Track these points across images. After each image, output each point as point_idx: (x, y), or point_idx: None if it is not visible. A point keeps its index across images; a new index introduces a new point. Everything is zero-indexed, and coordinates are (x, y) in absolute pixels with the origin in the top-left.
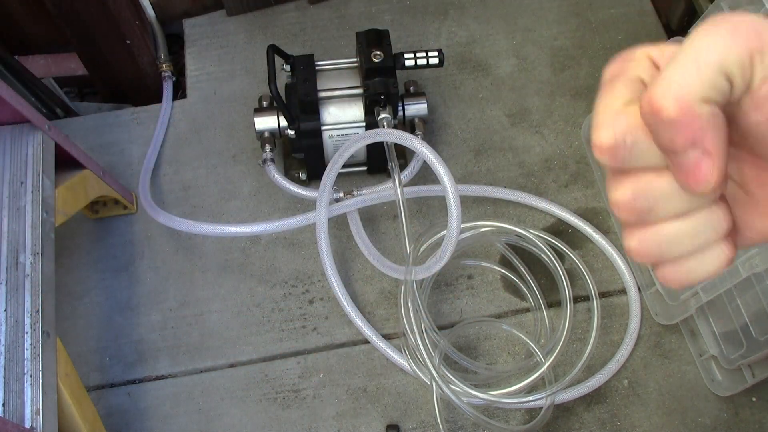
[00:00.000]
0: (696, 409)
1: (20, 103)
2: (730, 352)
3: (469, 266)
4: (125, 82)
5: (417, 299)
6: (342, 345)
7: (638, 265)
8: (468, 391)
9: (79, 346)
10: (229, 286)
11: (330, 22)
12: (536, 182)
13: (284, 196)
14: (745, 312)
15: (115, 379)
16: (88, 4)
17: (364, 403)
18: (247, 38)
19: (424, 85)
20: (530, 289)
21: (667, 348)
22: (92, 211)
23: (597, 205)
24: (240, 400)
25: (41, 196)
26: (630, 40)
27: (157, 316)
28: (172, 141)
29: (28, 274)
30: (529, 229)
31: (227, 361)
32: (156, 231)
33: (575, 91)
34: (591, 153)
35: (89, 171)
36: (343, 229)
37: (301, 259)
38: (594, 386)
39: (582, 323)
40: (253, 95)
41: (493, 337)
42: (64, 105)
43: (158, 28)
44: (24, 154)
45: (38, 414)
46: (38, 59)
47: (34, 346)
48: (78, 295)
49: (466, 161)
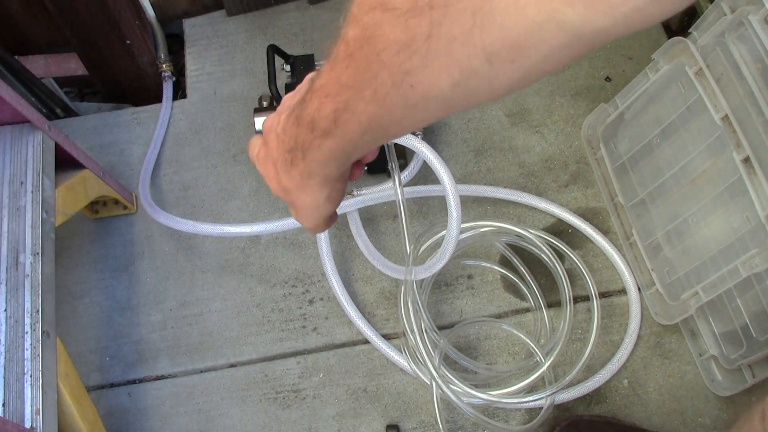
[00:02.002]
0: (696, 409)
1: (20, 103)
2: (730, 352)
3: (469, 266)
4: (125, 82)
5: (417, 299)
6: (342, 345)
7: (638, 265)
8: (468, 391)
9: (79, 346)
10: (229, 286)
11: (330, 22)
12: (536, 182)
13: None
14: (745, 312)
15: (115, 379)
16: (88, 4)
17: (364, 403)
18: (247, 38)
19: None
20: (530, 289)
21: (667, 348)
22: (92, 211)
23: (597, 205)
24: (240, 400)
25: (41, 196)
26: (630, 40)
27: (157, 316)
28: (172, 141)
29: (28, 274)
30: (529, 229)
31: (227, 361)
32: (156, 231)
33: (575, 91)
34: (591, 153)
35: (89, 171)
36: (343, 229)
37: (301, 259)
38: (594, 386)
39: (582, 323)
40: (253, 95)
41: (493, 337)
42: (64, 105)
43: (158, 28)
44: (24, 154)
45: (38, 414)
46: (38, 59)
47: (34, 346)
48: (78, 295)
49: (466, 161)
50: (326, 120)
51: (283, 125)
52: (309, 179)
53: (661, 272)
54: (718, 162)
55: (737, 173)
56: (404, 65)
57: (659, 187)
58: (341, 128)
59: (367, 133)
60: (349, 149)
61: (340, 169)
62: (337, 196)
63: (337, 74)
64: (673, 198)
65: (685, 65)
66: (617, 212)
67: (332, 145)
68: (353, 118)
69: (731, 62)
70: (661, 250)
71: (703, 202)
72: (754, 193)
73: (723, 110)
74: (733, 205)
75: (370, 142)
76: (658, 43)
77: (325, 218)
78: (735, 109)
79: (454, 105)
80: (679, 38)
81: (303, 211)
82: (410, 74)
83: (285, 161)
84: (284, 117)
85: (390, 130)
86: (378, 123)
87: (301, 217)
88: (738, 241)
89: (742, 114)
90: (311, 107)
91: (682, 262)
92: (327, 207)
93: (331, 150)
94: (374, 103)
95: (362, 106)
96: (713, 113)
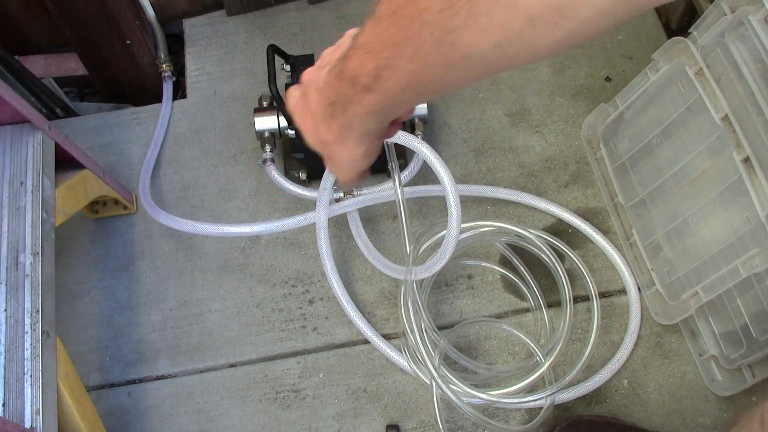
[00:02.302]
0: (696, 409)
1: (20, 103)
2: (730, 352)
3: (469, 266)
4: (125, 82)
5: (417, 299)
6: (342, 345)
7: (638, 265)
8: (468, 391)
9: (79, 346)
10: (229, 286)
11: (330, 22)
12: (536, 182)
13: (284, 196)
14: (745, 312)
15: (115, 379)
16: (88, 4)
17: (364, 403)
18: (247, 38)
19: None
20: (530, 289)
21: (667, 348)
22: (92, 211)
23: (597, 205)
24: (240, 400)
25: (41, 196)
26: (630, 40)
27: (157, 316)
28: (172, 141)
29: (28, 274)
30: (529, 229)
31: (227, 361)
32: (156, 231)
33: (575, 91)
34: (591, 153)
35: (89, 171)
36: (343, 229)
37: (301, 259)
38: (594, 386)
39: (582, 323)
40: (253, 95)
41: (493, 337)
42: (64, 105)
43: (158, 28)
44: (24, 154)
45: (38, 414)
46: (38, 59)
47: (34, 346)
48: (78, 295)
49: (466, 161)
50: (367, 76)
51: (325, 79)
52: (348, 133)
53: (661, 272)
54: (718, 162)
55: (737, 173)
56: (446, 24)
57: (659, 187)
58: (382, 85)
59: (407, 90)
60: (389, 106)
61: (379, 125)
62: (373, 152)
63: (379, 31)
64: (673, 198)
65: (685, 65)
66: (617, 212)
67: (372, 101)
68: (394, 75)
69: (731, 62)
70: (661, 250)
71: (703, 202)
72: (754, 193)
73: (723, 110)
74: (733, 205)
75: (410, 100)
76: (658, 43)
77: (360, 172)
78: (735, 109)
79: (495, 66)
80: (679, 38)
81: (339, 164)
82: (452, 33)
83: (325, 114)
84: (326, 71)
85: (430, 88)
86: (418, 81)
87: (337, 170)
88: (738, 241)
89: (742, 114)
90: (353, 63)
91: (682, 262)
92: (363, 162)
93: (371, 105)
94: (415, 60)
95: (403, 64)
96: (713, 113)
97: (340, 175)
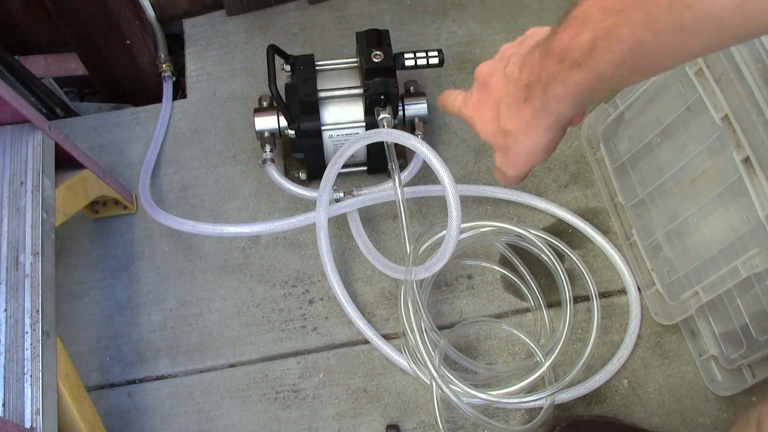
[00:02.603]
0: (696, 409)
1: (20, 103)
2: (730, 352)
3: (469, 266)
4: (125, 82)
5: (417, 299)
6: (342, 345)
7: (638, 265)
8: (468, 391)
9: (79, 346)
10: (229, 286)
11: (330, 22)
12: (536, 182)
13: (284, 196)
14: (745, 312)
15: (115, 379)
16: (88, 4)
17: (364, 403)
18: (247, 38)
19: (424, 85)
20: (530, 289)
21: (667, 348)
22: (92, 211)
23: (597, 205)
24: (240, 400)
25: (41, 196)
26: None
27: (157, 316)
28: (172, 141)
29: (28, 274)
30: (529, 229)
31: (227, 361)
32: (156, 231)
33: None
34: (591, 153)
35: (89, 171)
36: (343, 229)
37: (301, 259)
38: (594, 386)
39: (582, 323)
40: (253, 95)
41: (493, 337)
42: (64, 105)
43: (158, 28)
44: (24, 154)
45: (38, 414)
46: (38, 59)
47: (34, 346)
48: (78, 295)
49: (466, 161)
50: (580, 50)
51: (520, 62)
52: (540, 119)
53: (661, 272)
54: (718, 162)
55: (737, 173)
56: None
57: (659, 187)
58: (596, 59)
59: (622, 65)
60: (595, 86)
61: (577, 108)
62: (555, 145)
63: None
64: (673, 198)
65: (684, 65)
66: (617, 212)
67: (579, 79)
68: (612, 46)
69: (731, 62)
70: (661, 250)
71: (703, 202)
72: (754, 193)
73: (723, 110)
74: (733, 205)
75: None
76: None
77: (532, 167)
78: (735, 109)
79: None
80: None
81: (517, 156)
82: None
83: (516, 99)
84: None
85: (644, 63)
86: (637, 52)
87: (512, 163)
88: (738, 241)
89: (742, 114)
90: (566, 36)
91: (682, 262)
92: (542, 155)
93: (576, 84)
94: (642, 26)
95: (626, 32)
96: (713, 113)
97: (511, 169)
